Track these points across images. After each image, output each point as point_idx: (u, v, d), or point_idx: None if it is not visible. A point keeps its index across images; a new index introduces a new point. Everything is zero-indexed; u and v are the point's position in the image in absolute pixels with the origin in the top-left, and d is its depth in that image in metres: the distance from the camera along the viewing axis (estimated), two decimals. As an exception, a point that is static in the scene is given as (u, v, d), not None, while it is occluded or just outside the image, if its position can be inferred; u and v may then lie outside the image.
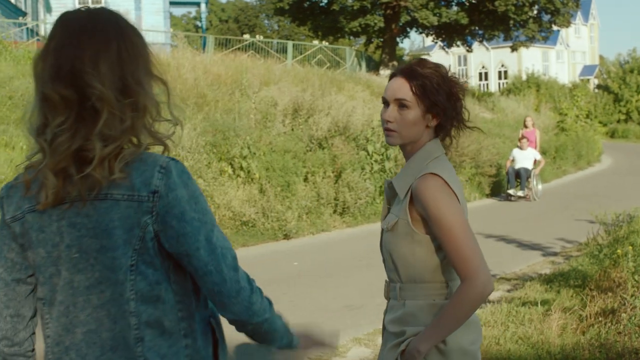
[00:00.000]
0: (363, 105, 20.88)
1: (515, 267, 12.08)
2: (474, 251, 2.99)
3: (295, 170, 16.22)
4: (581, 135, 32.86)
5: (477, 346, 3.21)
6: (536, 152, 22.25)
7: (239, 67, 24.79)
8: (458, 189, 3.10)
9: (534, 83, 64.31)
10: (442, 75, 3.19)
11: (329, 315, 9.25)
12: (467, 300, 2.97)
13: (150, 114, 2.47)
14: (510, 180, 21.44)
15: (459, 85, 3.23)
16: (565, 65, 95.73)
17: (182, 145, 15.29)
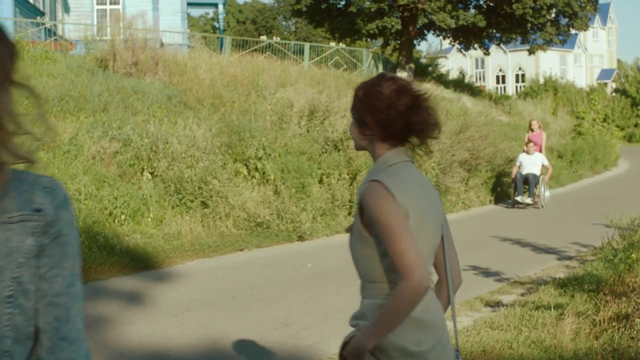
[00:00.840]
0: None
1: (529, 271, 12.04)
2: (409, 249, 3.11)
3: (310, 172, 16.21)
4: (598, 139, 32.74)
5: (426, 347, 3.27)
6: (544, 158, 21.46)
7: (256, 68, 24.83)
8: (406, 195, 3.25)
9: (551, 86, 64.19)
10: (368, 89, 3.39)
11: (343, 317, 9.23)
12: (404, 297, 3.09)
13: (4, 128, 2.06)
14: (518, 187, 20.69)
15: (384, 98, 3.34)
16: (583, 69, 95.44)
17: (197, 145, 15.30)
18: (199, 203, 14.59)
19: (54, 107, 16.97)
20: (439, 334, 3.34)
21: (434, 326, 3.32)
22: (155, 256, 12.65)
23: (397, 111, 3.31)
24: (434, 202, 3.44)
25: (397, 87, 3.35)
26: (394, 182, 3.25)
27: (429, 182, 3.51)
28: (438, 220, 3.45)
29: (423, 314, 3.26)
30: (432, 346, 3.29)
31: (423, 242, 3.29)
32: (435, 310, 3.38)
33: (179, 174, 14.67)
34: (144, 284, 11.23)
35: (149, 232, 13.55)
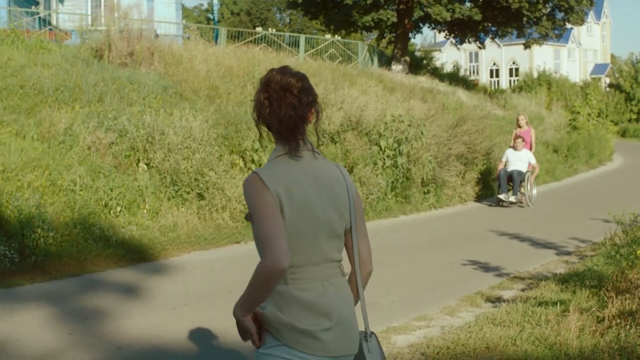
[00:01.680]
0: (376, 100, 20.71)
1: (529, 266, 11.94)
2: (268, 233, 3.36)
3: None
4: (593, 134, 32.65)
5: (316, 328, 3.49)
6: (531, 155, 20.45)
7: (251, 59, 24.67)
8: (279, 185, 3.45)
9: (545, 81, 64.12)
10: (260, 83, 3.61)
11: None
12: (259, 274, 3.38)
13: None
14: (502, 184, 19.65)
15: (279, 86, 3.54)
16: (577, 64, 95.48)
17: (194, 137, 15.17)
18: (195, 195, 14.45)
19: (48, 97, 16.83)
20: (336, 318, 3.52)
21: (327, 311, 3.51)
22: (151, 248, 12.52)
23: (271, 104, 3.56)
24: (327, 192, 3.58)
25: (267, 78, 3.59)
26: (268, 174, 3.47)
27: (327, 174, 3.63)
28: (334, 209, 3.60)
29: (318, 297, 3.51)
30: (325, 329, 3.50)
31: (304, 227, 3.48)
32: (332, 296, 3.55)
33: (175, 165, 14.53)
34: (140, 276, 11.11)
35: (145, 224, 13.42)
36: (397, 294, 10.02)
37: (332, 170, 3.67)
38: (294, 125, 3.53)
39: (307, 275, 3.51)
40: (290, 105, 3.51)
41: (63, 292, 10.00)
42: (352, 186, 3.73)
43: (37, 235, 11.46)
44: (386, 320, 8.68)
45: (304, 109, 3.56)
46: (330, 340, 3.50)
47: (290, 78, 3.55)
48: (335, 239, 3.61)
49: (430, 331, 8.27)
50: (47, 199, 12.65)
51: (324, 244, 3.56)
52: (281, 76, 3.56)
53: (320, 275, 3.55)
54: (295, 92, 3.53)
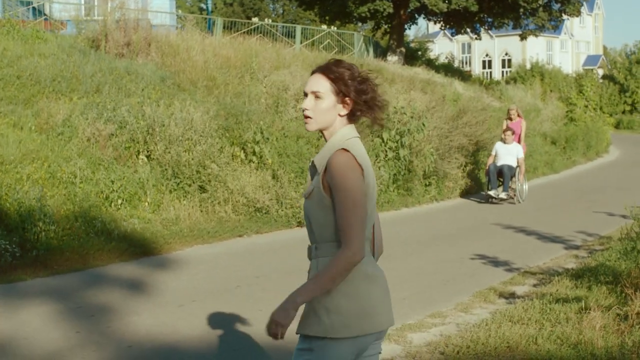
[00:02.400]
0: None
1: (538, 260, 11.76)
2: (356, 222, 3.56)
3: (309, 156, 15.87)
4: (590, 125, 32.54)
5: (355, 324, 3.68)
6: (520, 149, 19.32)
7: (248, 50, 24.43)
8: (366, 166, 3.69)
9: (538, 72, 64.13)
10: (352, 73, 3.82)
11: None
12: (339, 263, 3.56)
13: None
14: (492, 180, 18.70)
15: (370, 82, 3.86)
16: (569, 55, 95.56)
17: (195, 128, 14.94)
18: (197, 187, 14.23)
19: (46, 87, 16.59)
20: (369, 317, 3.73)
21: (382, 283, 3.84)
22: (154, 242, 12.31)
23: (366, 94, 3.82)
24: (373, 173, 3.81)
25: (359, 70, 3.88)
26: (358, 153, 3.69)
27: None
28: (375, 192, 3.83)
29: (375, 270, 3.80)
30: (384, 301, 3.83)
31: (371, 213, 3.75)
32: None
33: (177, 157, 14.31)
34: (144, 271, 10.91)
35: (147, 217, 13.21)
36: (409, 289, 9.82)
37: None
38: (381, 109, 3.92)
39: (367, 250, 3.75)
40: (378, 93, 3.88)
41: (67, 288, 9.79)
42: None
43: (38, 229, 11.23)
44: (400, 317, 8.48)
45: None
46: (388, 311, 3.85)
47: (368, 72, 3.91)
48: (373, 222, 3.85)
49: (447, 329, 8.09)
50: (47, 192, 12.43)
51: (371, 221, 3.80)
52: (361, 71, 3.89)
53: (369, 249, 3.80)
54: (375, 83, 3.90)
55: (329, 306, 3.67)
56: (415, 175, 17.72)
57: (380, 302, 3.77)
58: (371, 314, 3.70)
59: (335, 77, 3.84)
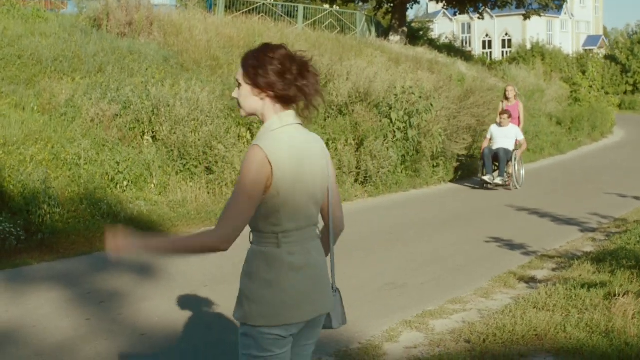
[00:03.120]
0: (384, 71, 20.16)
1: (554, 243, 11.49)
2: (233, 214, 3.54)
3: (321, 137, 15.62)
4: (595, 106, 32.26)
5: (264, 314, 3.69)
6: (518, 131, 18.20)
7: (250, 29, 24.19)
8: (280, 160, 3.59)
9: (539, 52, 63.82)
10: (265, 56, 3.69)
11: (370, 294, 8.68)
12: (200, 240, 3.67)
13: None
14: (487, 164, 17.54)
15: (294, 65, 3.70)
16: (569, 35, 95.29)
17: (202, 109, 14.65)
18: (204, 169, 13.96)
19: (47, 67, 16.28)
20: (318, 277, 3.81)
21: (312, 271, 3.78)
22: (161, 225, 12.05)
23: (291, 75, 3.67)
24: (316, 161, 3.76)
25: (286, 53, 3.71)
26: (275, 150, 3.60)
27: (314, 142, 3.83)
28: (321, 176, 3.79)
29: (304, 259, 3.74)
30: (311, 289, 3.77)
31: (299, 197, 3.67)
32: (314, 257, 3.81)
33: (183, 138, 14.02)
34: (150, 257, 10.64)
35: (153, 199, 12.94)
36: (426, 274, 9.57)
37: (316, 140, 3.87)
38: (316, 93, 3.74)
39: (295, 240, 3.71)
40: (313, 77, 3.74)
41: (74, 272, 9.53)
42: (328, 153, 3.92)
43: (43, 212, 10.95)
44: (419, 302, 8.25)
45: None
46: (317, 300, 3.79)
47: (303, 55, 3.76)
48: (316, 206, 3.81)
49: (468, 315, 7.83)
50: (51, 174, 12.15)
51: (311, 210, 3.77)
52: (294, 53, 3.75)
53: (305, 237, 3.76)
54: (312, 66, 3.76)
55: (249, 295, 3.72)
56: (423, 156, 17.45)
57: (306, 293, 3.74)
58: (292, 305, 3.70)
59: (243, 64, 3.79)
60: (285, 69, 3.67)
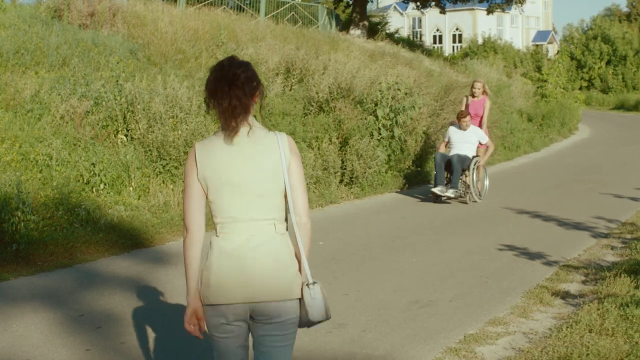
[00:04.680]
0: (364, 66, 19.29)
1: (572, 251, 10.70)
2: (184, 206, 4.04)
3: (304, 136, 14.69)
4: (563, 102, 31.76)
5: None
6: (482, 133, 15.43)
7: (214, 22, 23.15)
8: (210, 154, 3.98)
9: (491, 47, 63.82)
10: (210, 74, 4.04)
11: (399, 315, 7.78)
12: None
13: None
14: (437, 174, 14.90)
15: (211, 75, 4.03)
16: (519, 30, 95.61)
17: (181, 106, 13.66)
18: (185, 170, 12.97)
19: (8, 60, 15.19)
20: (250, 268, 3.94)
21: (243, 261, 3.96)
22: (145, 232, 11.07)
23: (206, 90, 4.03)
24: (254, 163, 3.95)
25: (219, 66, 4.00)
26: (201, 147, 4.02)
27: (257, 147, 3.97)
28: (260, 176, 3.96)
29: (238, 248, 3.97)
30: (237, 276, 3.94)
31: (225, 193, 3.96)
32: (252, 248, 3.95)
33: (162, 137, 13.01)
34: (141, 267, 9.69)
35: (133, 204, 11.92)
36: (449, 289, 8.72)
37: (266, 140, 4.01)
38: (239, 113, 3.92)
39: (231, 230, 3.96)
40: (235, 97, 3.90)
41: (58, 289, 8.53)
42: (288, 152, 4.02)
43: (16, 219, 9.88)
44: (456, 324, 7.39)
45: (248, 97, 3.96)
46: (239, 286, 3.91)
47: (236, 70, 3.94)
48: (261, 201, 3.97)
49: (515, 340, 6.98)
50: (20, 176, 11.09)
51: (248, 205, 3.96)
52: (227, 70, 3.94)
53: (245, 230, 3.95)
54: (239, 84, 3.91)
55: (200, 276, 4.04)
56: (409, 155, 16.63)
57: (231, 278, 3.93)
58: (216, 287, 3.92)
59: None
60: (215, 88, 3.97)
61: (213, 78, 3.97)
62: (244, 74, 3.96)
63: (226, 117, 3.93)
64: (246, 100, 3.95)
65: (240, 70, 3.96)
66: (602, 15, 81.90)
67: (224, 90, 3.91)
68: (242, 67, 3.99)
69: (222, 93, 3.91)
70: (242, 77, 3.94)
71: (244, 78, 3.95)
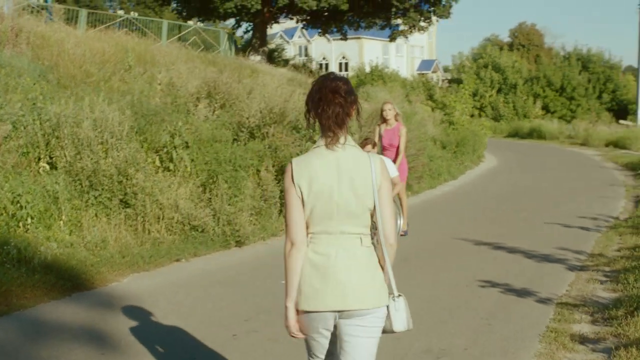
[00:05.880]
0: (292, 91, 18.28)
1: (556, 287, 9.91)
2: (287, 220, 4.26)
3: (243, 164, 13.60)
4: (473, 129, 31.51)
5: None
6: (392, 166, 12.57)
7: (119, 45, 21.92)
8: (306, 171, 4.21)
9: (378, 75, 63.86)
10: (313, 86, 4.35)
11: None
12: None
13: None
14: None
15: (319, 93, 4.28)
16: (404, 59, 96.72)
17: (111, 131, 12.41)
18: (120, 202, 11.71)
19: None
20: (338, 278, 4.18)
21: (332, 272, 4.19)
22: (84, 272, 9.81)
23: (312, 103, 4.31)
24: (348, 179, 4.20)
25: (320, 81, 4.31)
26: (299, 163, 4.27)
27: (352, 164, 4.23)
28: (353, 193, 4.20)
29: (326, 260, 4.22)
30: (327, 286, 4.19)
31: (319, 207, 4.19)
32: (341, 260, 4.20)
33: (93, 165, 11.72)
34: (87, 313, 8.47)
35: (66, 240, 10.64)
36: (455, 335, 7.78)
37: (359, 160, 4.25)
38: (342, 120, 4.21)
39: (321, 242, 4.21)
40: (339, 104, 4.20)
41: (3, 343, 7.26)
42: (379, 174, 4.25)
43: (-60, 261, 8.58)
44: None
45: (348, 107, 4.24)
46: (329, 296, 4.15)
47: (338, 82, 4.25)
48: (351, 216, 4.21)
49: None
50: None
51: (339, 220, 4.20)
52: (330, 81, 4.25)
53: (334, 243, 4.21)
54: (342, 93, 4.22)
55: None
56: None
57: (318, 289, 4.16)
58: (310, 295, 4.16)
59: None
60: (320, 97, 4.23)
61: (318, 88, 4.25)
62: (345, 86, 4.24)
63: (329, 125, 4.20)
64: (347, 110, 4.22)
65: (341, 82, 4.25)
66: (483, 45, 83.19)
67: (329, 97, 4.19)
68: (342, 80, 4.28)
69: (326, 100, 4.19)
70: (344, 88, 4.23)
71: (345, 89, 4.23)
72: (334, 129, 4.18)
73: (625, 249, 12.33)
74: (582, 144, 43.45)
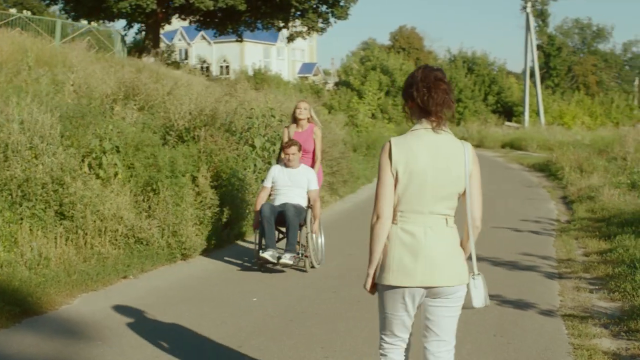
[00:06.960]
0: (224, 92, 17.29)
1: (546, 297, 9.30)
2: (377, 195, 4.52)
3: (183, 170, 12.54)
4: (378, 131, 31.09)
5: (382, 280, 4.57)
6: (313, 177, 11.38)
7: (15, 45, 20.57)
8: (404, 151, 4.47)
9: (261, 79, 63.12)
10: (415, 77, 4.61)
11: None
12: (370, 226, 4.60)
13: None
14: (267, 232, 10.77)
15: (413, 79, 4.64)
16: (285, 63, 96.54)
17: (41, 134, 11.18)
18: (56, 213, 10.52)
19: None
20: (427, 255, 4.43)
21: (421, 249, 4.44)
22: (30, 295, 8.66)
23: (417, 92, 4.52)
24: (443, 162, 4.49)
25: (422, 72, 4.57)
26: (397, 142, 4.53)
27: (447, 148, 4.55)
28: (446, 176, 4.49)
29: (415, 238, 4.47)
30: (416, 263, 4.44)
31: (413, 187, 4.45)
32: (429, 238, 4.46)
33: (25, 173, 10.50)
34: (41, 343, 7.41)
35: (2, 258, 9.44)
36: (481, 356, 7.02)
37: (454, 146, 4.57)
38: (448, 105, 4.51)
39: (410, 220, 4.46)
40: (446, 91, 4.50)
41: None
42: (471, 161, 4.59)
43: None
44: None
45: (451, 92, 4.52)
46: (419, 272, 4.41)
47: (438, 72, 4.55)
48: (442, 198, 4.47)
49: None
50: None
51: (430, 200, 4.44)
52: (430, 71, 4.54)
53: (423, 222, 4.46)
54: (446, 81, 4.53)
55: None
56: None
57: (409, 263, 4.43)
58: (400, 270, 4.44)
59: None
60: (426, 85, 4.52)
61: (422, 77, 4.53)
62: (444, 75, 4.56)
63: (437, 110, 4.49)
64: (451, 95, 4.52)
65: (440, 72, 4.57)
66: (361, 48, 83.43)
67: (436, 85, 4.47)
68: (440, 70, 4.59)
69: (434, 88, 4.47)
70: (445, 77, 4.54)
71: (446, 78, 4.55)
72: (441, 114, 4.48)
73: (593, 254, 11.83)
74: (477, 146, 43.62)
